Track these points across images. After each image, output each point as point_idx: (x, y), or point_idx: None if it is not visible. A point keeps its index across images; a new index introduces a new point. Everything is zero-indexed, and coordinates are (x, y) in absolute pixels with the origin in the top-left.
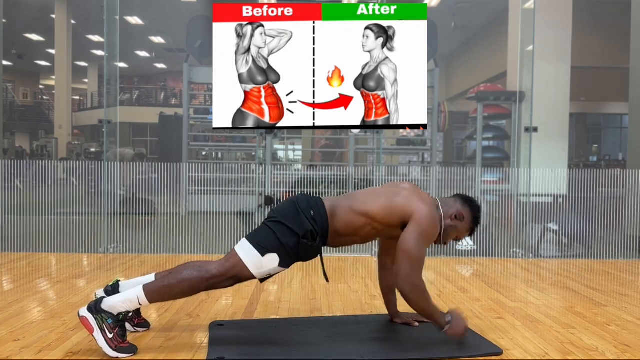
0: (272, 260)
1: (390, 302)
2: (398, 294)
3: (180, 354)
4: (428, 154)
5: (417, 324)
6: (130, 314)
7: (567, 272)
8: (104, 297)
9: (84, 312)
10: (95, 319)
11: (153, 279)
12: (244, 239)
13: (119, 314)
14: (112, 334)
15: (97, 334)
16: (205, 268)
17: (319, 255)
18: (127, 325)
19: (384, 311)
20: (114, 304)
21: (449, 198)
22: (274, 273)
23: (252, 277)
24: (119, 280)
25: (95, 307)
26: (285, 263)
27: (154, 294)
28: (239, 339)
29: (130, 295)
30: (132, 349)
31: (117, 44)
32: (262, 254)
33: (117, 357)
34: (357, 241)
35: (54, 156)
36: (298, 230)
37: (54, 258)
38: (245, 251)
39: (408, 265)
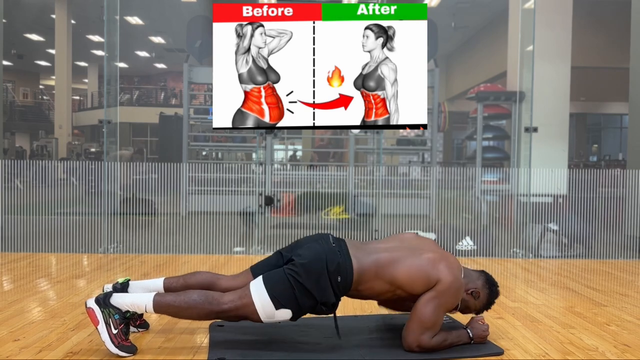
0: (284, 314)
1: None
2: None
3: (180, 354)
4: (428, 154)
5: None
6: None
7: (567, 272)
8: (112, 292)
9: (91, 303)
10: (102, 312)
11: (161, 284)
12: (261, 281)
13: (127, 311)
14: (117, 330)
15: (102, 327)
16: (217, 300)
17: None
18: None
19: (384, 311)
20: (123, 302)
21: (474, 271)
22: (283, 321)
23: (260, 321)
24: (130, 280)
25: (103, 301)
26: (296, 318)
27: (162, 308)
28: (239, 339)
29: (139, 300)
30: (133, 349)
31: (117, 44)
32: (277, 308)
33: (118, 355)
34: (373, 299)
35: (54, 156)
36: (319, 298)
37: (54, 258)
38: (261, 299)
39: (418, 333)
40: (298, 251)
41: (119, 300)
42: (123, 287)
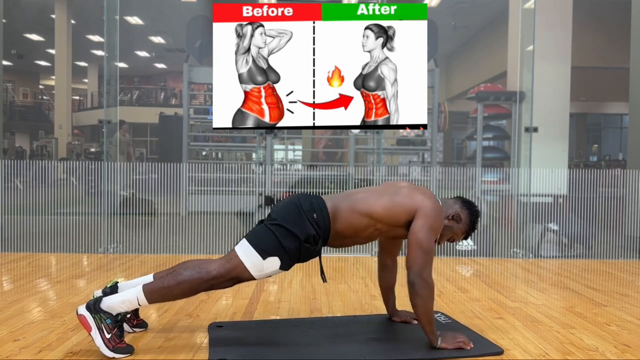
0: (273, 263)
1: (389, 300)
2: (397, 292)
3: (180, 354)
4: (428, 154)
5: (415, 322)
6: (129, 315)
7: (567, 272)
8: (102, 297)
9: (82, 310)
10: (94, 318)
11: (151, 279)
12: (245, 240)
13: (118, 314)
14: (110, 334)
15: (95, 333)
16: (205, 269)
17: (318, 255)
18: (126, 326)
19: (384, 311)
20: (113, 304)
21: (449, 199)
22: (274, 274)
23: (253, 278)
24: (118, 282)
25: (94, 307)
26: (285, 265)
27: (154, 294)
28: (239, 340)
29: (129, 295)
30: (129, 349)
31: (117, 44)
32: (264, 258)
33: (114, 358)
34: (359, 242)
35: (54, 156)
36: (300, 235)
37: (54, 258)
38: (246, 253)
39: (421, 259)
40: (273, 209)
41: (109, 302)
42: (112, 291)
